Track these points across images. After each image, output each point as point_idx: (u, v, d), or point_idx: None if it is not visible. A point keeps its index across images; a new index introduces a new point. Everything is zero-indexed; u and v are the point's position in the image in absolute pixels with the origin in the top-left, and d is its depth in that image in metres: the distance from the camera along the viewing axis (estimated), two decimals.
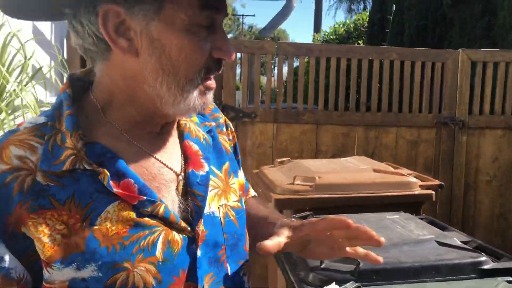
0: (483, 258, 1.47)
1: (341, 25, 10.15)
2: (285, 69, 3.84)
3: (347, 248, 0.88)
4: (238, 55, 3.33)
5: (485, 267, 1.44)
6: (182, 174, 0.79)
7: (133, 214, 0.70)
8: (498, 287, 1.29)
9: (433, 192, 2.26)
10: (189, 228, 0.75)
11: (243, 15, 36.19)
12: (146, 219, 0.71)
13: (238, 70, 6.13)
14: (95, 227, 0.68)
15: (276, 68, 3.69)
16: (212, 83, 0.75)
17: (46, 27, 2.94)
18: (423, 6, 7.11)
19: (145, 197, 0.71)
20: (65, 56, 3.21)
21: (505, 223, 3.75)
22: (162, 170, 0.77)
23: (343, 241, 0.86)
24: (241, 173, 0.97)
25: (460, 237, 1.71)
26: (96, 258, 0.68)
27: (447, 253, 1.51)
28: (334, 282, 1.34)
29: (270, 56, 3.47)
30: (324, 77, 3.54)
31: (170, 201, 0.75)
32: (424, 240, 1.62)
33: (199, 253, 0.75)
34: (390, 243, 1.59)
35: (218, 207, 0.81)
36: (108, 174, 0.69)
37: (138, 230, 0.70)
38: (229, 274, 0.80)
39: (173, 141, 0.82)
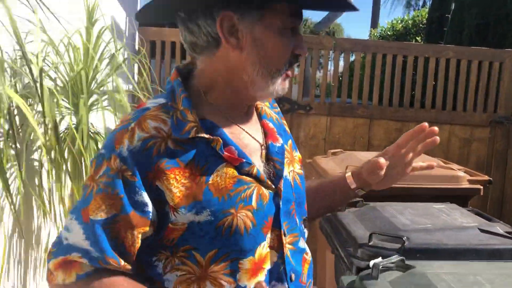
0: None
1: (399, 21, 10.02)
2: (340, 64, 3.96)
3: (414, 165, 1.14)
4: None
5: None
6: (264, 144, 0.99)
7: (235, 173, 0.90)
8: None
9: (481, 187, 2.34)
10: (273, 186, 0.94)
11: None
12: (244, 177, 0.90)
13: None
14: (209, 182, 0.87)
15: (331, 63, 3.83)
16: (290, 72, 0.94)
17: (121, 21, 3.22)
18: (485, 4, 6.95)
19: (244, 160, 0.91)
20: (136, 47, 3.49)
21: None
22: (251, 141, 0.97)
23: (413, 155, 1.12)
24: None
25: (503, 227, 1.81)
26: (210, 205, 0.86)
27: (488, 239, 1.62)
28: (380, 257, 1.50)
29: (327, 51, 3.61)
30: (379, 73, 3.64)
31: (257, 165, 0.94)
32: (467, 227, 1.73)
33: (281, 204, 0.94)
34: (434, 227, 1.71)
35: (289, 172, 1.00)
36: (221, 141, 0.88)
37: (239, 185, 0.89)
38: (297, 224, 1.00)
39: (255, 119, 1.02)
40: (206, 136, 0.88)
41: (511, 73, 3.60)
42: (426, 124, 1.10)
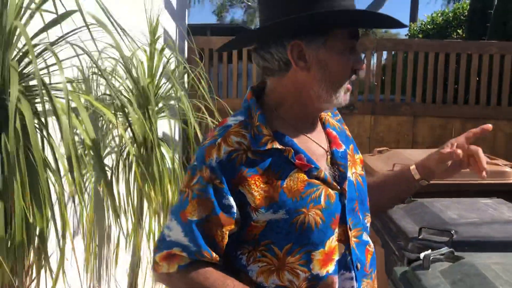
0: None
1: (439, 14, 9.83)
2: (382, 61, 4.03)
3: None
4: None
5: None
6: (329, 151, 1.12)
7: (305, 177, 1.02)
8: None
9: None
10: (338, 187, 1.06)
11: None
12: (313, 180, 1.03)
13: None
14: (284, 185, 1.00)
15: (374, 62, 3.91)
16: (350, 86, 1.07)
17: (171, 30, 3.42)
18: None
19: (312, 166, 1.04)
20: (185, 55, 3.68)
21: None
22: (317, 148, 1.10)
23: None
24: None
25: None
26: (285, 205, 0.99)
27: None
28: (430, 250, 1.60)
29: (370, 51, 3.70)
30: (422, 71, 3.70)
31: (324, 169, 1.06)
32: None
33: (346, 203, 1.07)
34: (481, 221, 1.80)
35: (352, 174, 1.12)
36: (292, 151, 1.02)
37: (309, 187, 1.02)
38: (361, 219, 1.13)
39: (319, 129, 1.15)
40: (280, 146, 1.02)
41: None
42: (490, 126, 1.21)
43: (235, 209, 1.00)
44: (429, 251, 1.59)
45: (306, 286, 1.02)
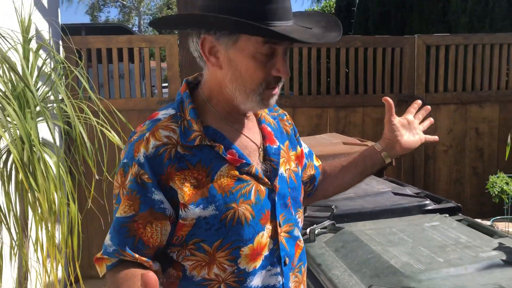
0: (427, 202, 1.92)
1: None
2: None
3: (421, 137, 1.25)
4: None
5: (428, 208, 1.89)
6: (261, 146, 1.10)
7: (236, 172, 1.01)
8: (434, 219, 1.73)
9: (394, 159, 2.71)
10: (269, 183, 1.05)
11: None
12: (244, 175, 1.01)
13: None
14: (214, 181, 0.98)
15: None
16: (273, 92, 1.02)
17: (43, 29, 3.25)
18: None
19: (244, 161, 1.02)
20: (61, 54, 3.51)
21: (461, 187, 4.27)
22: (249, 143, 1.07)
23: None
24: (299, 147, 1.27)
25: (412, 190, 2.16)
26: (215, 200, 0.97)
27: (400, 200, 1.96)
28: (315, 225, 1.77)
29: None
30: (297, 65, 3.96)
31: (255, 164, 1.04)
32: (383, 192, 2.06)
33: (276, 199, 1.06)
34: (356, 195, 2.02)
35: (285, 170, 1.11)
36: (223, 147, 1.00)
37: (239, 182, 1.00)
38: (293, 215, 1.12)
39: (253, 124, 1.12)
40: (209, 143, 1.00)
41: (411, 57, 4.07)
42: (419, 101, 1.27)
43: (166, 204, 0.97)
44: (314, 226, 1.76)
45: (233, 280, 1.01)
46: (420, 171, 4.18)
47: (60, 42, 3.50)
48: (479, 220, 1.91)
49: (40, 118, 2.12)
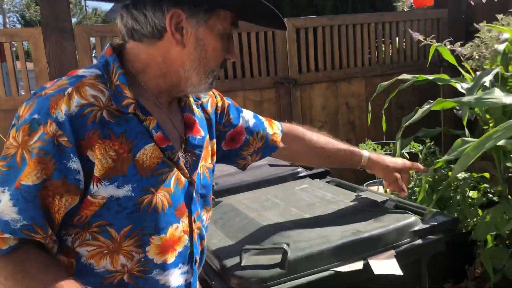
0: (299, 169, 2.07)
1: None
2: None
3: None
4: (92, 39, 3.55)
5: (300, 174, 2.04)
6: (183, 137, 1.04)
7: (161, 154, 0.93)
8: (303, 183, 1.87)
9: None
10: (188, 175, 1.00)
11: None
12: (167, 160, 0.95)
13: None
14: (136, 158, 0.89)
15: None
16: (217, 74, 1.01)
17: None
18: None
19: (171, 143, 0.95)
20: None
21: None
22: (173, 130, 1.02)
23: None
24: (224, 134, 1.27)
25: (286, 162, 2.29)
26: (132, 181, 0.88)
27: (276, 170, 2.08)
28: None
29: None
30: None
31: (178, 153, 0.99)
32: (260, 165, 2.17)
33: (194, 194, 1.02)
34: (237, 171, 2.09)
35: (200, 166, 1.06)
36: (155, 121, 0.91)
37: (162, 166, 0.93)
38: (203, 214, 1.11)
39: (177, 111, 1.06)
40: (141, 115, 0.91)
41: (283, 40, 4.26)
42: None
43: (81, 176, 0.85)
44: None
45: (138, 270, 0.93)
46: None
47: None
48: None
49: None
